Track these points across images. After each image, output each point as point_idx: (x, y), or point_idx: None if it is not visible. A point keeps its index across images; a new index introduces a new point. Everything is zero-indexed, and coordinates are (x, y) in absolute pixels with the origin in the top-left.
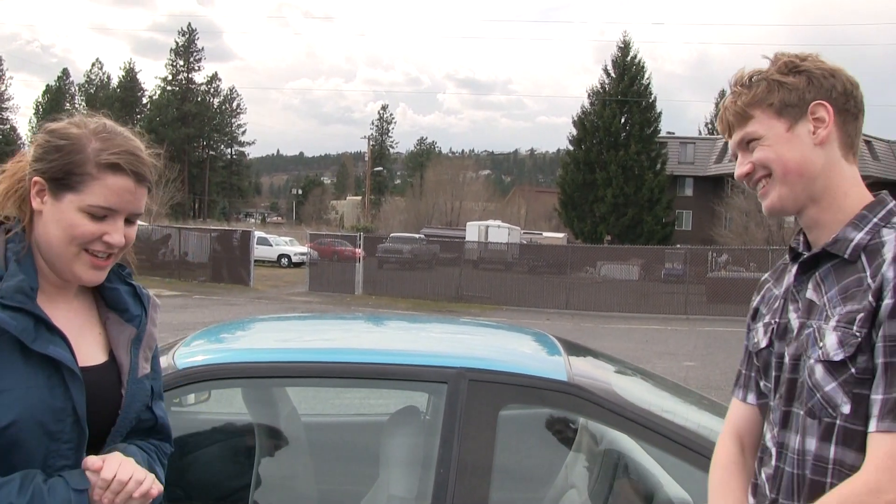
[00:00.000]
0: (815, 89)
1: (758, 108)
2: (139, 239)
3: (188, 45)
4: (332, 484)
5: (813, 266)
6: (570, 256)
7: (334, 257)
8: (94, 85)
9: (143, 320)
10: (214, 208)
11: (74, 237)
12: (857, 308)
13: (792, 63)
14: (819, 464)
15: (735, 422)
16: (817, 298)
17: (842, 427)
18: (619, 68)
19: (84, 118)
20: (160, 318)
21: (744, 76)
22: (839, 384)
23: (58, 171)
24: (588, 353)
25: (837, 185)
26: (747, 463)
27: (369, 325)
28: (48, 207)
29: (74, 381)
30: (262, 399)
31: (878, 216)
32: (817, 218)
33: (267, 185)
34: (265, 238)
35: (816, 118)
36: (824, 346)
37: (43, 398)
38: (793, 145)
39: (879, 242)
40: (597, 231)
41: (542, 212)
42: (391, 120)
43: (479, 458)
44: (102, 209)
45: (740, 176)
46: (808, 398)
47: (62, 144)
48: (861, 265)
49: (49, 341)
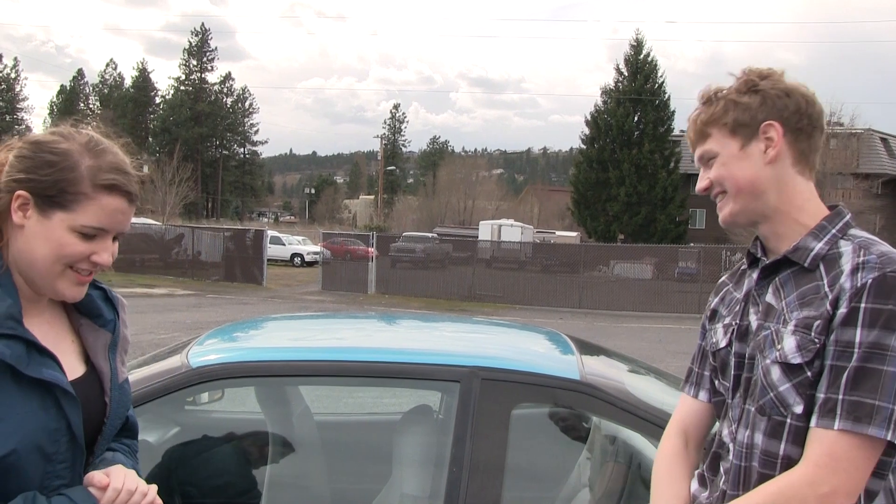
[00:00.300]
0: (767, 109)
1: (714, 127)
2: (153, 238)
3: (201, 44)
4: (344, 483)
5: (773, 272)
6: (583, 255)
7: (347, 256)
8: (107, 85)
9: (116, 324)
10: (227, 208)
11: (62, 256)
12: (814, 315)
13: (751, 82)
14: (768, 458)
15: (682, 417)
16: (776, 302)
17: (793, 426)
18: (631, 67)
19: (70, 130)
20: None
21: (708, 92)
22: (793, 385)
23: (49, 188)
24: (601, 351)
25: (791, 200)
26: (690, 456)
27: (382, 324)
28: (32, 223)
29: (69, 402)
30: (275, 398)
31: (836, 227)
32: (775, 230)
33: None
34: (278, 237)
35: (767, 137)
36: (782, 349)
37: (39, 421)
38: (744, 164)
39: (837, 253)
40: (610, 230)
41: (555, 211)
42: (403, 119)
43: (492, 457)
44: (95, 229)
45: (700, 190)
46: (760, 396)
47: (54, 160)
48: (819, 274)
49: (41, 364)
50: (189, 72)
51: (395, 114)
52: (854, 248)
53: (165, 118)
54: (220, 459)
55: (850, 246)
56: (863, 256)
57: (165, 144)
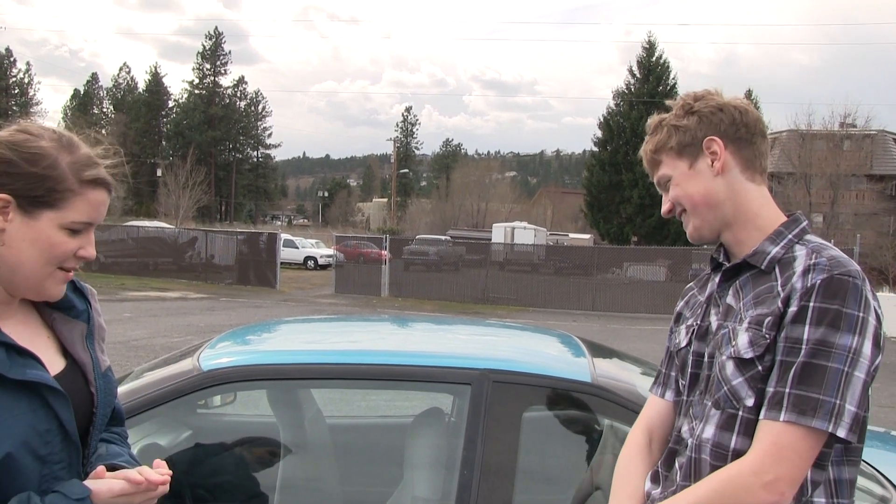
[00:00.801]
0: (705, 126)
1: (663, 153)
2: (166, 242)
3: (215, 48)
4: (356, 485)
5: (734, 275)
6: (596, 258)
7: (360, 259)
8: (121, 89)
9: (89, 313)
10: (241, 211)
11: (54, 256)
12: (766, 312)
13: (687, 105)
14: (719, 450)
15: (649, 415)
16: (735, 303)
17: (744, 418)
18: (644, 69)
19: (36, 126)
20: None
21: (653, 123)
22: (745, 379)
23: (35, 188)
24: (613, 354)
25: (748, 207)
26: (653, 453)
27: (394, 326)
28: (15, 226)
29: (58, 399)
30: (287, 401)
31: (792, 233)
32: (736, 237)
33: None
34: (291, 240)
35: (711, 152)
36: (736, 345)
37: (29, 424)
38: (695, 181)
39: (792, 256)
40: (623, 232)
41: (569, 213)
42: (416, 122)
43: (503, 460)
44: (83, 224)
45: (665, 213)
46: (715, 390)
47: (36, 159)
48: (774, 275)
49: (24, 365)
50: (202, 75)
51: (408, 116)
52: (807, 252)
53: (179, 122)
54: (232, 463)
55: (805, 250)
56: (814, 259)
57: (179, 148)
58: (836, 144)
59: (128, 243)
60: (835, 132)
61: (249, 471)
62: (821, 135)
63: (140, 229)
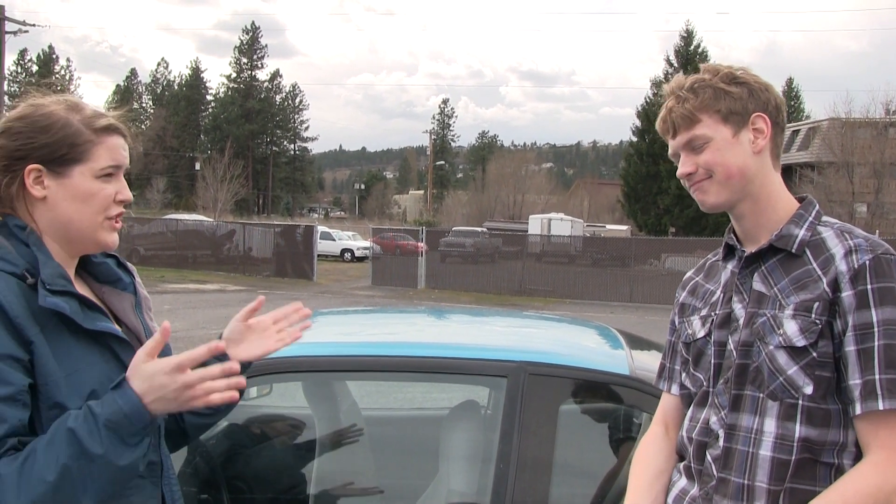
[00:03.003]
0: (755, 101)
1: (705, 113)
2: (205, 235)
3: (252, 42)
4: (392, 478)
5: (755, 261)
6: (633, 249)
7: (397, 251)
8: (160, 84)
9: (135, 286)
10: (278, 204)
11: (98, 204)
12: (811, 297)
13: (732, 74)
14: (783, 442)
15: (663, 410)
16: (766, 290)
17: (805, 406)
18: (682, 58)
19: (42, 98)
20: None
21: (685, 83)
22: (801, 367)
23: (59, 149)
24: (651, 346)
25: (771, 190)
26: (668, 442)
27: (430, 318)
28: (54, 189)
29: (125, 349)
30: (323, 393)
31: (811, 215)
32: (755, 219)
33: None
34: (328, 233)
35: (756, 128)
36: (784, 333)
37: (103, 372)
38: (736, 151)
39: (819, 238)
40: (661, 223)
41: (605, 204)
42: (452, 114)
43: (540, 453)
44: (112, 167)
45: (682, 174)
46: (769, 381)
47: (49, 124)
48: (807, 258)
49: (95, 318)
50: (240, 69)
51: (444, 108)
52: (836, 233)
53: (217, 116)
54: (269, 454)
55: (831, 231)
56: (851, 240)
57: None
58: (881, 132)
59: (167, 236)
60: (878, 120)
61: (285, 463)
62: (864, 122)
63: (179, 222)
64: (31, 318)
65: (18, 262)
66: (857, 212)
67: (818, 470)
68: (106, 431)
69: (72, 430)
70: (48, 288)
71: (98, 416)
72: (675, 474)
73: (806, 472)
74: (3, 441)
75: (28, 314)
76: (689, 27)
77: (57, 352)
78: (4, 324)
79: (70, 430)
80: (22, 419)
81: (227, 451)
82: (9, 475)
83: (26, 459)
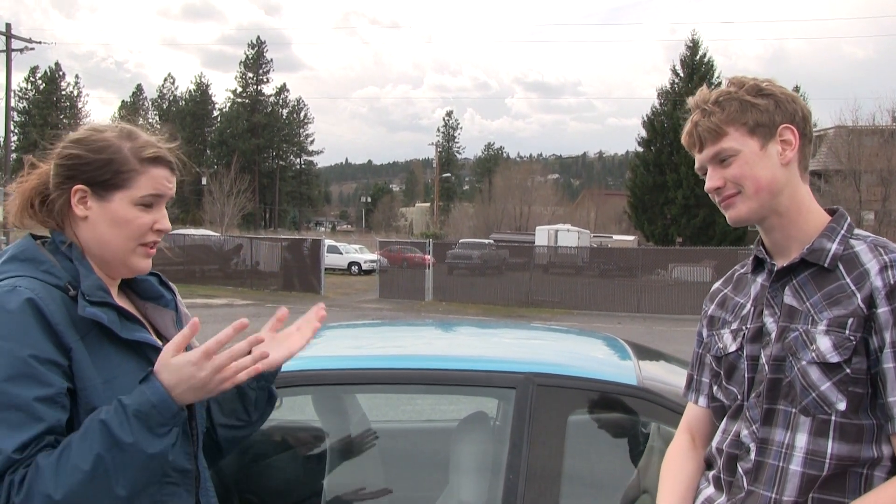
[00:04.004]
0: (782, 112)
1: (732, 126)
2: (212, 249)
3: (257, 57)
4: (402, 490)
5: (786, 274)
6: (640, 259)
7: (404, 264)
8: (165, 99)
9: (176, 303)
10: (285, 218)
11: (133, 231)
12: (844, 313)
13: (758, 86)
14: (815, 458)
15: (688, 420)
16: (798, 304)
17: (838, 423)
18: (688, 68)
19: (101, 124)
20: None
21: (710, 96)
22: (834, 384)
23: (104, 173)
24: (659, 356)
25: (801, 202)
26: (697, 449)
27: (438, 331)
28: (95, 211)
29: None
30: (332, 406)
31: (843, 228)
32: (785, 232)
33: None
34: (335, 246)
35: (784, 140)
36: (817, 349)
37: (138, 380)
38: (764, 164)
39: (852, 252)
40: (668, 233)
41: (612, 215)
42: (457, 126)
43: (549, 464)
44: (152, 197)
45: (710, 189)
46: (801, 397)
47: (101, 148)
48: (840, 273)
49: (133, 329)
50: (245, 84)
51: (449, 121)
52: (869, 247)
53: (223, 130)
54: (279, 467)
55: (864, 245)
56: (887, 255)
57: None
58: (887, 139)
59: (174, 251)
60: (884, 127)
61: (295, 476)
62: (870, 130)
63: (186, 237)
64: (71, 327)
65: (62, 276)
66: (865, 220)
67: (848, 482)
68: (135, 420)
69: (104, 421)
70: (87, 299)
71: (127, 407)
72: (702, 482)
73: (835, 483)
74: (40, 437)
75: (69, 323)
76: (695, 37)
77: (96, 359)
78: (46, 331)
79: (102, 422)
80: (59, 419)
81: (236, 464)
82: (47, 466)
83: (62, 452)
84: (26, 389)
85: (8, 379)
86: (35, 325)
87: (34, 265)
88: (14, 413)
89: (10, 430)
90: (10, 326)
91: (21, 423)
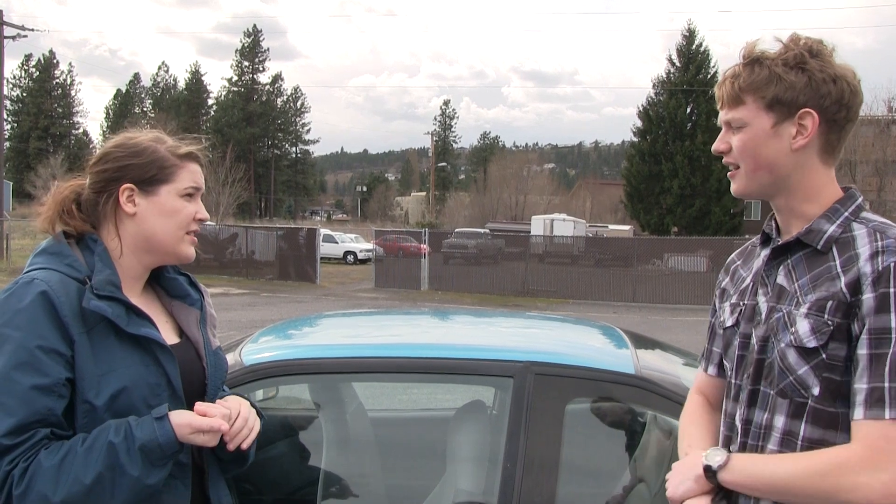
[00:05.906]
0: (810, 93)
1: (751, 95)
2: (206, 239)
3: (253, 45)
4: (399, 479)
5: (783, 253)
6: (636, 249)
7: (400, 253)
8: (160, 88)
9: (202, 303)
10: (280, 207)
11: (181, 220)
12: (825, 296)
13: (800, 56)
14: (789, 438)
15: (699, 386)
16: (788, 284)
17: (812, 407)
18: (684, 57)
19: (134, 131)
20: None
21: (753, 52)
22: (811, 368)
23: (149, 170)
24: (656, 345)
25: (810, 183)
26: (713, 408)
27: (435, 319)
28: (143, 206)
29: (166, 356)
30: (329, 395)
31: (848, 210)
32: (792, 209)
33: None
34: (331, 235)
35: (801, 124)
36: (796, 332)
37: (140, 375)
38: (770, 144)
39: (851, 236)
40: (663, 223)
41: (608, 204)
42: (454, 115)
43: (546, 453)
44: (193, 188)
45: (714, 150)
46: (779, 379)
47: (141, 149)
48: (832, 255)
49: (139, 324)
50: (241, 73)
51: (446, 110)
52: (868, 231)
53: (218, 119)
54: (275, 456)
55: (864, 229)
56: (881, 241)
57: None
58: (883, 130)
59: None
60: (880, 117)
61: (292, 465)
62: (866, 120)
63: None
64: (80, 319)
65: (82, 270)
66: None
67: None
68: (140, 454)
69: (112, 444)
70: (95, 292)
71: (136, 440)
72: None
73: None
74: (30, 427)
75: (77, 315)
76: (692, 26)
77: (98, 351)
78: (54, 321)
79: (111, 444)
80: (52, 409)
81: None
82: (49, 469)
83: (65, 457)
84: (26, 377)
85: (15, 367)
86: (44, 316)
87: (59, 259)
88: (11, 398)
89: (4, 415)
90: (24, 317)
91: (14, 409)
